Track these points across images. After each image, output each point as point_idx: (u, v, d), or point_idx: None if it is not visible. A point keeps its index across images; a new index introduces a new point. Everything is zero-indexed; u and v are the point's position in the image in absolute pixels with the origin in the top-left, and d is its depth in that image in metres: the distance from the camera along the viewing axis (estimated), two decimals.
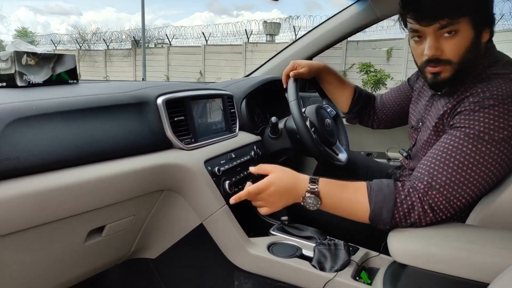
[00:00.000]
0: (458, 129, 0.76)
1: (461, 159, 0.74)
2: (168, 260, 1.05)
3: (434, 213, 0.75)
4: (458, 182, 0.74)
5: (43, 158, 0.67)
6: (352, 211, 0.79)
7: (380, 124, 1.27)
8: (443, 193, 0.74)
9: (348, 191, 0.79)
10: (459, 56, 0.79)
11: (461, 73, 0.81)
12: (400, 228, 0.77)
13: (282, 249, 0.95)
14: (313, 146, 1.08)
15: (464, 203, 0.75)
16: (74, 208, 0.72)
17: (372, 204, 0.76)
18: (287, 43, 1.78)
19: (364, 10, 1.52)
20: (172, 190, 0.94)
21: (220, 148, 1.08)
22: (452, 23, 0.76)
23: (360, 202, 0.78)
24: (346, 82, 1.27)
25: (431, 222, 0.76)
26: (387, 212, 0.75)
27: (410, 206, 0.75)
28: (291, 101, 1.10)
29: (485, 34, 0.79)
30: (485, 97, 0.75)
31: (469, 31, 0.77)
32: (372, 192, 0.77)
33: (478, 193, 0.75)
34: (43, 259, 0.75)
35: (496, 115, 0.73)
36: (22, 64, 0.88)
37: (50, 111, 0.71)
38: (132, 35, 15.68)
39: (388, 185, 0.78)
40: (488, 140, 0.73)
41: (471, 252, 0.67)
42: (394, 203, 0.75)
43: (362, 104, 1.25)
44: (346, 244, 0.91)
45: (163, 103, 0.93)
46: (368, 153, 1.77)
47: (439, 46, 0.79)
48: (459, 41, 0.77)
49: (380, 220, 0.77)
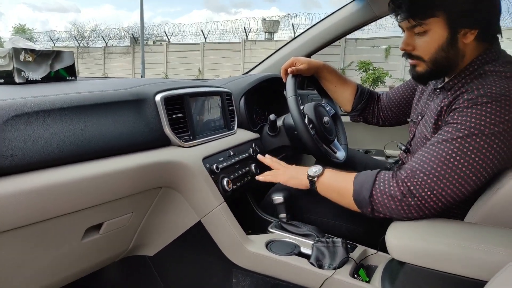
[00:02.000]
0: (451, 125, 0.78)
1: (449, 152, 0.75)
2: (166, 257, 1.05)
3: (415, 199, 0.75)
4: (444, 173, 0.74)
5: (41, 155, 0.67)
6: (341, 190, 0.88)
7: (386, 121, 1.27)
8: (427, 181, 0.75)
9: (344, 174, 0.91)
10: (430, 54, 0.83)
11: (437, 69, 0.85)
12: (382, 215, 0.80)
13: (280, 247, 0.95)
14: (311, 143, 1.08)
15: (452, 195, 0.75)
16: (71, 206, 0.72)
17: (355, 184, 0.84)
18: (286, 41, 1.78)
19: (362, 8, 1.52)
20: (170, 188, 0.94)
21: (218, 145, 1.08)
22: (420, 23, 0.81)
23: (348, 183, 0.86)
24: (347, 80, 1.27)
25: (416, 213, 0.77)
26: (366, 190, 0.81)
27: (387, 187, 0.79)
28: (289, 96, 1.09)
29: (469, 34, 0.80)
30: (479, 94, 0.76)
31: (442, 31, 0.80)
32: (358, 175, 0.86)
33: (468, 187, 0.75)
34: (40, 257, 0.75)
35: (489, 111, 0.73)
36: (20, 60, 0.87)
37: (47, 108, 0.71)
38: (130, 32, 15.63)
39: (374, 171, 0.84)
40: (478, 135, 0.73)
41: (469, 250, 0.67)
42: (373, 182, 0.81)
43: (365, 102, 1.25)
44: (344, 241, 0.91)
45: (161, 100, 0.93)
46: (366, 150, 1.78)
47: (411, 42, 0.85)
48: (430, 40, 0.82)
49: (361, 200, 0.82)
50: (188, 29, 14.53)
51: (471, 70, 0.83)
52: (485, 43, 0.83)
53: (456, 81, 0.85)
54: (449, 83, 0.87)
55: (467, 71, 0.84)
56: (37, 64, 0.91)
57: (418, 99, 1.06)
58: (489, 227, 0.75)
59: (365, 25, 1.58)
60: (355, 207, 0.85)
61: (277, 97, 1.55)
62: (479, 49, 0.83)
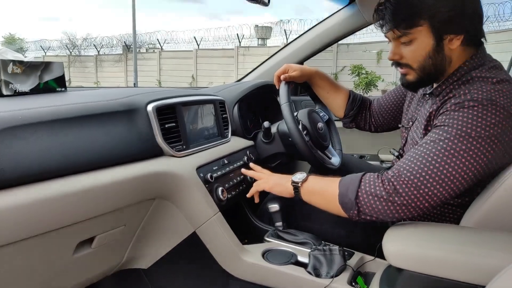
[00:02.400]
0: (438, 127, 0.79)
1: (436, 152, 0.75)
2: (160, 270, 1.03)
3: (401, 198, 0.75)
4: (430, 173, 0.75)
5: (29, 169, 0.65)
6: (326, 195, 0.87)
7: (378, 127, 1.27)
8: (413, 180, 0.75)
9: (328, 179, 0.90)
10: (418, 62, 0.84)
11: (426, 77, 0.86)
12: (369, 218, 0.79)
13: (277, 256, 0.94)
14: (306, 149, 1.08)
15: (438, 195, 0.75)
16: (62, 220, 0.70)
17: (340, 187, 0.84)
18: (279, 47, 1.79)
19: (353, 15, 1.53)
20: (163, 199, 0.93)
21: (212, 154, 1.07)
22: (405, 33, 0.82)
23: (333, 187, 0.85)
24: (339, 87, 1.27)
25: (403, 212, 0.77)
26: (351, 192, 0.81)
27: (372, 187, 0.79)
28: (283, 103, 1.09)
29: (455, 40, 0.81)
30: (466, 99, 0.77)
31: (427, 39, 0.81)
32: (343, 178, 0.86)
33: (454, 188, 0.75)
34: (30, 273, 0.73)
35: (475, 114, 0.74)
36: (8, 72, 0.86)
37: (36, 121, 0.69)
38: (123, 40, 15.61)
39: (359, 173, 0.84)
40: (465, 137, 0.74)
41: (466, 254, 0.67)
42: (358, 184, 0.81)
43: (357, 108, 1.26)
44: (342, 248, 0.90)
45: (153, 110, 0.92)
46: (361, 155, 1.78)
47: (398, 51, 0.86)
48: (416, 48, 0.83)
49: (347, 202, 0.81)
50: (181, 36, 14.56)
51: (458, 76, 0.84)
52: (471, 48, 0.84)
53: (444, 86, 0.86)
54: (437, 89, 0.88)
55: (455, 76, 0.84)
56: (25, 76, 0.90)
57: (409, 105, 1.07)
58: (485, 231, 0.75)
59: (357, 31, 1.59)
60: (341, 211, 0.83)
61: (270, 104, 1.55)
62: (466, 54, 0.84)
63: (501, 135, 0.74)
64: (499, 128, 0.74)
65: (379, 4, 0.85)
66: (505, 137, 0.75)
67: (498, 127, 0.73)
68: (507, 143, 0.76)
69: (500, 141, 0.74)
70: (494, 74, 0.80)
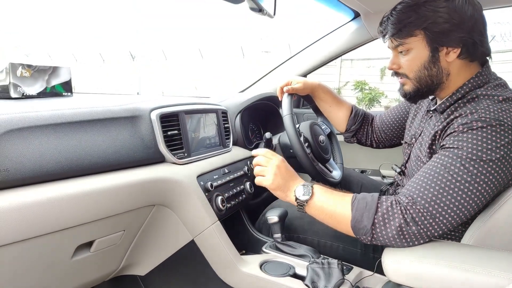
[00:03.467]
0: (448, 150, 0.78)
1: (449, 178, 0.74)
2: (157, 277, 1.02)
3: (418, 227, 0.74)
4: (445, 200, 0.74)
5: (34, 171, 0.66)
6: (336, 215, 0.82)
7: (380, 143, 1.27)
8: (428, 208, 0.74)
9: (337, 195, 0.84)
10: (413, 71, 0.86)
11: (423, 87, 0.87)
12: (379, 243, 0.76)
13: (274, 268, 0.94)
14: (307, 162, 1.08)
15: (451, 222, 0.74)
16: (63, 222, 0.70)
17: (354, 211, 0.79)
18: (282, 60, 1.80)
19: (358, 29, 1.55)
20: (163, 205, 0.93)
21: (213, 163, 1.07)
22: (401, 43, 0.84)
23: (344, 207, 0.80)
24: (342, 101, 1.27)
25: (417, 240, 0.75)
26: (367, 219, 0.77)
27: (390, 215, 0.75)
28: (285, 115, 1.10)
29: (452, 53, 0.82)
30: (473, 118, 0.76)
31: (423, 50, 0.83)
32: (356, 200, 0.80)
33: (467, 213, 0.75)
34: (28, 275, 0.73)
35: (484, 136, 0.74)
36: (17, 75, 0.87)
37: (42, 123, 0.70)
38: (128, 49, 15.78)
39: (373, 196, 0.80)
40: (476, 160, 0.73)
41: (467, 272, 0.66)
42: (375, 211, 0.77)
43: (359, 123, 1.26)
44: (340, 262, 0.89)
45: (157, 117, 0.93)
46: (362, 170, 1.78)
47: (397, 61, 0.89)
48: (412, 58, 0.85)
49: (361, 228, 0.77)
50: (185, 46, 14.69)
51: (462, 93, 0.84)
52: (475, 65, 0.84)
53: (448, 103, 0.86)
54: (441, 106, 0.87)
55: (459, 94, 0.84)
56: (33, 79, 0.91)
57: (412, 121, 1.06)
58: (487, 249, 0.74)
59: (361, 45, 1.61)
60: (351, 232, 0.80)
61: (272, 115, 1.56)
62: (470, 71, 0.84)
63: (510, 155, 0.74)
64: (508, 149, 0.73)
65: (384, 15, 0.88)
66: None
67: (508, 148, 0.73)
68: None
69: (509, 161, 0.74)
70: (500, 92, 0.80)
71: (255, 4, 0.87)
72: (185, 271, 1.01)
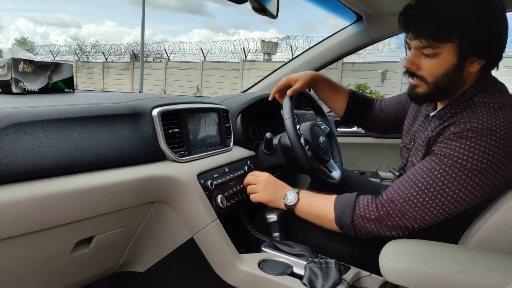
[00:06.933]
0: (435, 155, 0.79)
1: (430, 181, 0.77)
2: (157, 274, 1.03)
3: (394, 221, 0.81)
4: (422, 201, 0.78)
5: (34, 166, 0.66)
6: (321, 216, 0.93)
7: (376, 127, 1.29)
8: (405, 207, 0.80)
9: (320, 197, 0.95)
10: (434, 77, 0.81)
11: (437, 93, 0.84)
12: (364, 237, 0.86)
13: (272, 266, 0.94)
14: (307, 163, 1.09)
15: (429, 220, 0.79)
16: (63, 218, 0.70)
17: (336, 210, 0.89)
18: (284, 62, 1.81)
19: (360, 32, 1.56)
20: (163, 203, 0.93)
21: (213, 161, 1.08)
22: (432, 46, 0.78)
23: (328, 208, 0.91)
24: (340, 87, 1.28)
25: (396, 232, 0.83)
26: (347, 217, 0.86)
27: (367, 212, 0.84)
28: (286, 119, 1.10)
29: (476, 64, 0.79)
30: (465, 128, 0.76)
31: (451, 57, 0.78)
32: (336, 201, 0.90)
33: (446, 215, 0.79)
34: (26, 270, 0.73)
35: (473, 146, 0.73)
36: (18, 71, 0.88)
37: (43, 119, 0.71)
38: (131, 49, 15.81)
39: (352, 195, 0.90)
40: (460, 168, 0.74)
41: (464, 274, 0.67)
42: (353, 208, 0.86)
43: (358, 107, 1.27)
44: (338, 262, 0.90)
45: (158, 114, 0.93)
46: (361, 172, 1.78)
47: (417, 61, 0.82)
48: (437, 63, 0.79)
49: (344, 225, 0.88)
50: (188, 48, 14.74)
51: (461, 101, 0.83)
52: (481, 73, 0.83)
53: (447, 110, 0.85)
54: (440, 112, 0.87)
55: (459, 101, 0.83)
56: (35, 75, 0.92)
57: (411, 124, 1.05)
58: (483, 251, 0.75)
59: (363, 48, 1.62)
60: (338, 229, 0.90)
61: (273, 115, 1.56)
62: (475, 79, 0.83)
63: (499, 165, 0.73)
64: (496, 159, 0.73)
65: (409, 6, 0.80)
66: (503, 167, 0.74)
67: (496, 158, 0.72)
68: (506, 172, 0.75)
69: (497, 171, 0.74)
70: (497, 99, 0.78)
71: (258, 4, 0.87)
72: (184, 268, 1.01)
